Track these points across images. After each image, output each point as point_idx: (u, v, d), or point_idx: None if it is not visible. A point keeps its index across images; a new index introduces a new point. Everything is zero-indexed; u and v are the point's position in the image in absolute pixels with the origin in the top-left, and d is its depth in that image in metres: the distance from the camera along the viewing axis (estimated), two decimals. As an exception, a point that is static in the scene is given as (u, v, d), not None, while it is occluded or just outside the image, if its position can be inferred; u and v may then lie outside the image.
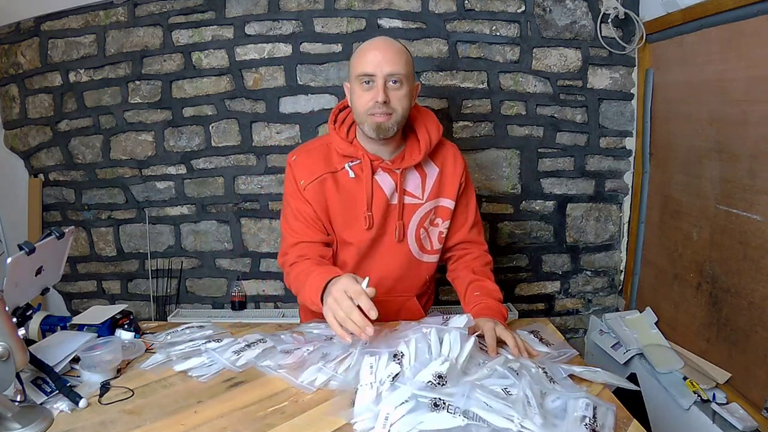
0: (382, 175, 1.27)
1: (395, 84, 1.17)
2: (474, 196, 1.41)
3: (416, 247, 1.34)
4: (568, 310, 2.35)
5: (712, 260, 1.72)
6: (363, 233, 1.28)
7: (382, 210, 1.28)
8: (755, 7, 1.46)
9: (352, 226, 1.28)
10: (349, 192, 1.27)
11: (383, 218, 1.29)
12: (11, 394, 0.89)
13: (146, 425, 0.88)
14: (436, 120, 1.33)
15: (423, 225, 1.32)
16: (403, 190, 1.28)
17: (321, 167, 1.27)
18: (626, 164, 2.22)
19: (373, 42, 1.20)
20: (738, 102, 1.57)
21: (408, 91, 1.20)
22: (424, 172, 1.31)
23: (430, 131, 1.29)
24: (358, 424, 0.84)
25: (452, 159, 1.34)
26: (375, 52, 1.16)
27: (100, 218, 2.30)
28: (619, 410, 0.89)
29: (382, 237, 1.31)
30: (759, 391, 1.50)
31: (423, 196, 1.31)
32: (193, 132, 2.19)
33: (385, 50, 1.16)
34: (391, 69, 1.15)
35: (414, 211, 1.31)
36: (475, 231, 1.40)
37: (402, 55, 1.18)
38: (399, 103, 1.18)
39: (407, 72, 1.19)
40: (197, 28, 2.11)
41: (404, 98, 1.19)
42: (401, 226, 1.30)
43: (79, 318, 1.22)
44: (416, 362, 0.93)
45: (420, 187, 1.30)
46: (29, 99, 2.22)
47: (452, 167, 1.33)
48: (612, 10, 2.03)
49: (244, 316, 2.18)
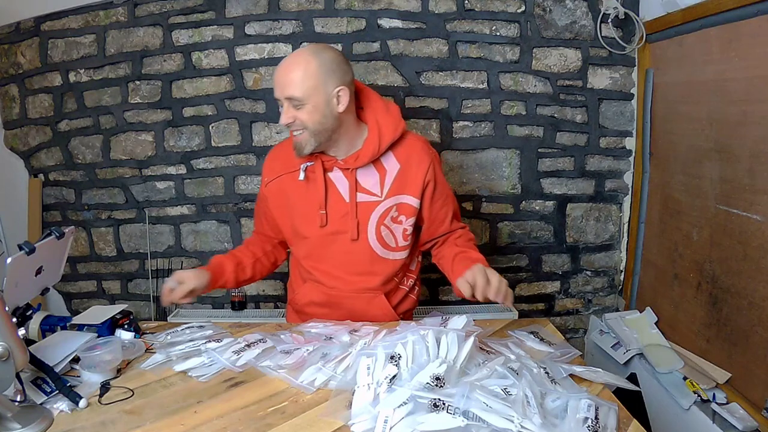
0: (337, 173, 1.30)
1: (297, 104, 1.19)
2: (448, 187, 1.40)
3: (379, 246, 1.33)
4: (568, 310, 2.35)
5: (712, 260, 1.72)
6: (318, 230, 1.32)
7: (337, 208, 1.30)
8: (755, 7, 1.46)
9: (309, 224, 1.33)
10: (306, 191, 1.32)
11: (339, 216, 1.31)
12: (11, 394, 0.89)
13: (146, 425, 0.88)
14: (396, 117, 1.30)
15: (383, 222, 1.31)
16: (357, 188, 1.29)
17: (282, 167, 1.34)
18: (626, 164, 2.22)
19: (281, 62, 1.21)
20: (738, 102, 1.57)
21: (314, 107, 1.19)
22: (384, 169, 1.30)
23: (382, 131, 1.27)
24: (356, 425, 0.84)
25: (417, 155, 1.31)
26: (277, 75, 1.20)
27: (100, 218, 2.30)
28: (619, 410, 0.90)
29: (338, 235, 1.32)
30: (759, 391, 1.50)
31: (382, 193, 1.30)
32: (193, 132, 2.19)
33: (284, 73, 1.19)
34: (288, 93, 1.18)
35: (372, 209, 1.30)
36: (456, 222, 1.42)
37: (297, 73, 1.17)
38: (306, 120, 1.20)
39: (304, 91, 1.18)
40: (197, 28, 2.11)
41: (312, 114, 1.19)
42: (356, 225, 1.30)
43: (79, 318, 1.23)
44: (413, 364, 0.93)
45: (378, 185, 1.30)
46: (29, 99, 2.22)
47: (416, 163, 1.31)
48: (612, 10, 2.02)
49: (244, 316, 2.18)
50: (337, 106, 1.22)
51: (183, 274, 1.27)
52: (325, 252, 1.34)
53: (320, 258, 1.35)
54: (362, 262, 1.33)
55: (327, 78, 1.19)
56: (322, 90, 1.19)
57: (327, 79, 1.19)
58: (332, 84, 1.20)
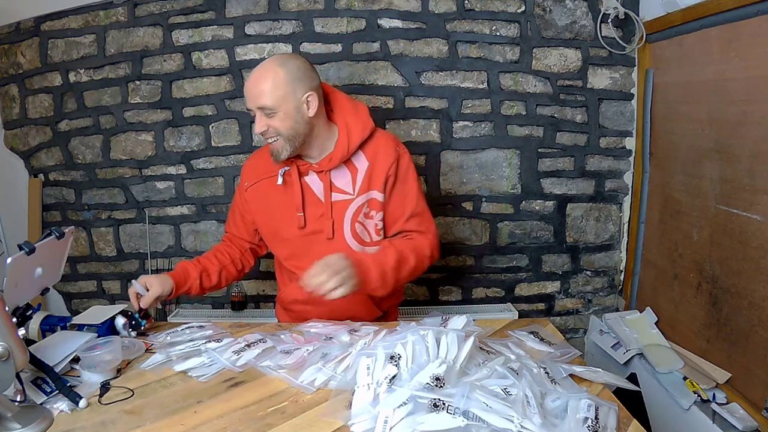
0: (312, 176, 1.37)
1: (268, 113, 1.25)
2: (414, 187, 1.40)
3: (355, 242, 1.38)
4: (568, 310, 2.35)
5: (712, 260, 1.72)
6: (297, 232, 1.38)
7: (314, 209, 1.37)
8: (755, 7, 1.46)
9: (288, 226, 1.39)
10: (284, 195, 1.38)
11: (316, 217, 1.37)
12: (11, 394, 0.89)
13: (146, 425, 0.88)
14: (365, 117, 1.36)
15: (357, 219, 1.37)
16: (332, 189, 1.35)
17: (262, 172, 1.41)
18: (626, 164, 2.22)
19: (251, 73, 1.27)
20: (738, 102, 1.57)
21: (285, 114, 1.25)
22: (355, 168, 1.36)
23: (351, 132, 1.33)
24: (356, 425, 0.84)
25: (384, 151, 1.36)
26: (247, 86, 1.27)
27: (100, 218, 2.30)
28: (619, 410, 0.90)
29: (316, 235, 1.38)
30: (759, 391, 1.50)
31: (354, 191, 1.36)
32: (193, 132, 2.19)
33: (254, 85, 1.25)
34: (258, 103, 1.25)
35: (346, 207, 1.36)
36: (414, 221, 1.40)
37: (267, 84, 1.23)
38: (279, 127, 1.26)
39: (275, 100, 1.24)
40: (197, 28, 2.11)
41: (284, 121, 1.25)
42: (331, 224, 1.36)
43: (79, 318, 1.23)
44: (413, 364, 0.93)
45: (350, 183, 1.36)
46: (29, 99, 2.22)
47: (383, 159, 1.36)
48: (612, 10, 2.02)
49: (244, 316, 2.18)
50: (308, 111, 1.28)
51: (149, 279, 1.31)
52: (305, 252, 1.39)
53: (301, 258, 1.39)
54: None
55: (295, 86, 1.26)
56: (292, 97, 1.26)
57: (295, 87, 1.26)
58: (300, 91, 1.26)
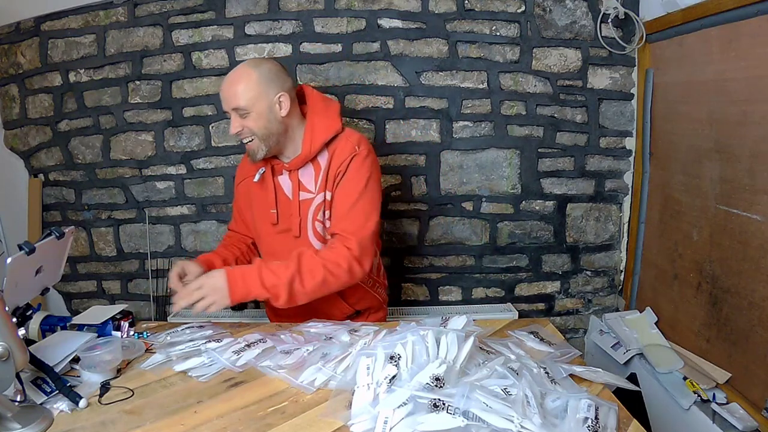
0: (284, 176, 1.41)
1: (243, 114, 1.30)
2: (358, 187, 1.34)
3: (316, 241, 1.41)
4: (568, 310, 2.35)
5: (712, 260, 1.72)
6: (271, 228, 1.44)
7: (285, 208, 1.41)
8: (755, 7, 1.46)
9: (265, 223, 1.45)
10: (262, 193, 1.44)
11: (287, 215, 1.41)
12: (11, 394, 0.89)
13: (146, 425, 0.88)
14: (333, 115, 1.39)
15: (317, 218, 1.39)
16: (300, 187, 1.39)
17: (246, 172, 1.49)
18: (626, 164, 2.22)
19: (224, 80, 1.32)
20: (738, 102, 1.57)
21: (258, 114, 1.30)
22: (319, 166, 1.38)
23: (315, 130, 1.36)
24: (356, 425, 0.84)
25: (341, 149, 1.36)
26: (222, 89, 1.31)
27: (100, 218, 2.30)
28: (619, 410, 0.90)
29: (286, 233, 1.42)
30: (759, 391, 1.50)
31: (315, 189, 1.39)
32: (193, 132, 2.19)
33: (228, 87, 1.30)
34: (233, 104, 1.29)
35: (309, 206, 1.39)
36: (345, 224, 1.33)
37: (240, 85, 1.28)
38: (253, 128, 1.31)
39: (248, 101, 1.28)
40: (197, 28, 2.11)
41: (257, 121, 1.30)
42: (298, 222, 1.40)
43: (79, 318, 1.23)
44: (413, 364, 0.93)
45: (313, 181, 1.39)
46: (29, 99, 2.22)
47: (336, 158, 1.35)
48: (612, 10, 2.02)
49: (244, 316, 2.17)
50: (280, 111, 1.33)
51: (187, 265, 1.35)
52: (276, 249, 1.44)
53: (273, 255, 1.43)
54: None
55: (267, 87, 1.30)
56: (264, 98, 1.30)
57: (267, 88, 1.30)
58: (273, 91, 1.31)
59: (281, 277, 1.24)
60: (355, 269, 1.31)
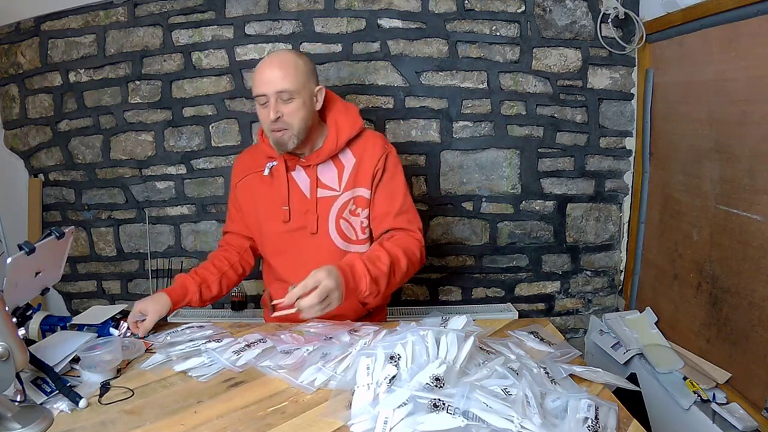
0: (299, 171, 1.37)
1: (286, 99, 1.24)
2: (401, 184, 1.38)
3: (339, 239, 1.38)
4: (568, 310, 2.35)
5: (712, 260, 1.72)
6: (282, 226, 1.38)
7: (299, 204, 1.37)
8: (755, 7, 1.46)
9: (274, 220, 1.39)
10: (270, 189, 1.39)
11: (301, 212, 1.37)
12: (11, 394, 0.89)
13: (146, 425, 0.88)
14: (354, 115, 1.38)
15: (342, 216, 1.37)
16: (317, 184, 1.36)
17: (249, 167, 1.43)
18: (626, 164, 2.22)
19: (264, 61, 1.27)
20: (738, 102, 1.57)
21: (302, 103, 1.26)
22: (342, 164, 1.37)
23: (340, 128, 1.35)
24: (355, 426, 0.84)
25: (371, 148, 1.37)
26: (265, 72, 1.25)
27: (100, 218, 2.30)
28: (619, 410, 0.90)
29: (301, 230, 1.38)
30: (759, 391, 1.50)
31: (340, 187, 1.36)
32: (193, 132, 2.19)
33: (273, 68, 1.24)
34: (279, 87, 1.23)
35: (331, 203, 1.36)
36: (402, 219, 1.36)
37: (290, 68, 1.24)
38: (293, 117, 1.26)
39: (297, 86, 1.25)
40: (197, 28, 2.11)
41: (298, 110, 1.26)
42: (315, 219, 1.36)
43: (79, 318, 1.23)
44: (413, 365, 0.93)
45: (336, 179, 1.37)
46: (29, 99, 2.22)
47: (369, 156, 1.36)
48: (612, 10, 2.02)
49: (244, 316, 2.18)
50: (316, 104, 1.32)
51: (144, 305, 1.26)
52: (289, 248, 1.39)
53: (285, 254, 1.40)
54: (325, 256, 1.33)
55: (310, 77, 1.30)
56: (308, 87, 1.28)
57: (310, 79, 1.30)
58: (313, 83, 1.31)
59: (381, 269, 1.19)
60: (423, 258, 1.35)
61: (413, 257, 1.30)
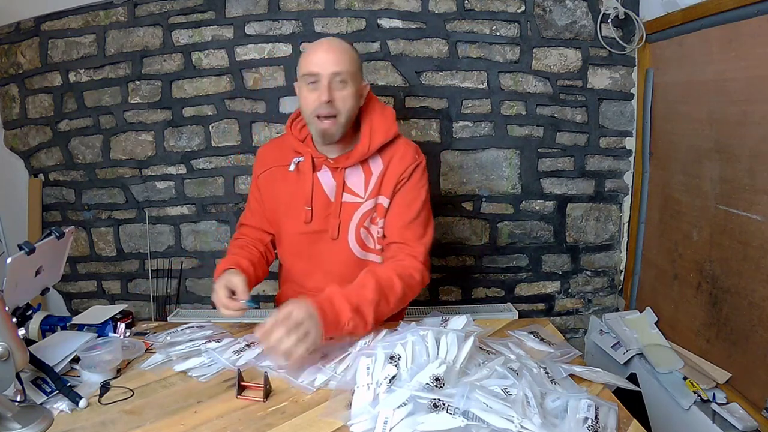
0: (324, 172, 1.30)
1: (341, 83, 1.18)
2: (421, 198, 1.31)
3: (358, 246, 1.32)
4: (568, 310, 2.35)
5: (712, 260, 1.72)
6: (303, 227, 1.32)
7: (322, 207, 1.30)
8: (755, 7, 1.46)
9: (294, 220, 1.33)
10: (293, 186, 1.32)
11: (323, 215, 1.31)
12: (11, 394, 0.89)
13: (146, 425, 0.88)
14: (390, 120, 1.30)
15: (363, 224, 1.31)
16: (344, 188, 1.29)
17: (274, 159, 1.36)
18: (626, 164, 2.22)
19: (319, 42, 1.22)
20: (738, 102, 1.57)
21: (354, 91, 1.21)
22: (370, 170, 1.30)
23: (374, 131, 1.27)
24: (355, 426, 0.84)
25: (400, 156, 1.29)
26: (320, 52, 1.18)
27: (100, 218, 2.30)
28: (619, 410, 0.90)
29: (321, 234, 1.32)
30: (759, 391, 1.50)
31: (364, 195, 1.29)
32: (193, 132, 2.19)
33: (330, 50, 1.18)
34: (336, 68, 1.17)
35: (354, 210, 1.30)
36: (410, 233, 1.28)
37: (347, 53, 1.20)
38: (344, 104, 1.19)
39: (353, 71, 1.19)
40: (197, 28, 2.11)
41: (349, 98, 1.20)
42: (337, 224, 1.30)
43: (79, 318, 1.23)
44: (413, 365, 0.93)
45: (362, 185, 1.30)
46: (29, 99, 2.22)
47: (397, 164, 1.29)
48: (612, 10, 2.02)
49: (244, 316, 2.17)
50: (360, 99, 1.26)
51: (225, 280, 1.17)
52: (306, 250, 1.34)
53: (301, 256, 1.35)
54: (341, 263, 1.32)
55: (361, 69, 1.26)
56: (359, 78, 1.24)
57: (360, 71, 1.26)
58: (361, 77, 1.26)
59: (366, 296, 1.11)
60: (425, 280, 1.26)
61: (411, 280, 1.21)
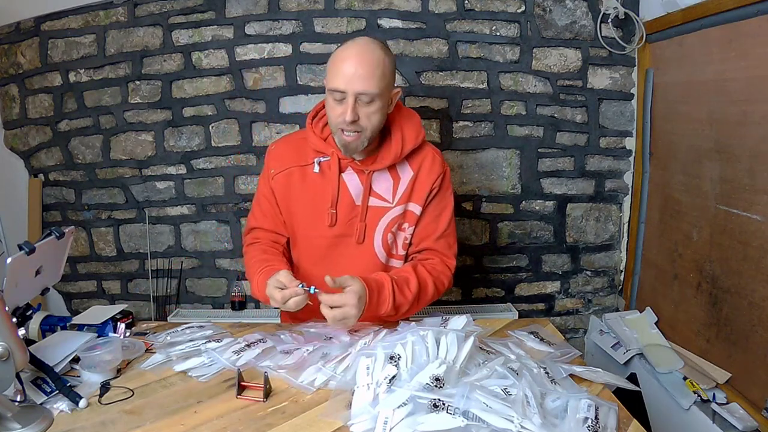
0: (350, 174, 1.25)
1: (367, 101, 1.13)
2: (450, 207, 1.33)
3: (383, 251, 1.30)
4: (568, 310, 2.35)
5: (712, 260, 1.72)
6: (325, 230, 1.27)
7: (347, 210, 1.26)
8: (755, 7, 1.46)
9: (316, 223, 1.27)
10: (315, 187, 1.26)
11: (347, 218, 1.26)
12: (11, 394, 0.89)
13: (146, 425, 0.88)
14: (419, 125, 1.29)
15: (391, 229, 1.28)
16: (370, 192, 1.26)
17: (292, 159, 1.28)
18: (626, 164, 2.22)
19: (350, 51, 1.13)
20: (738, 102, 1.57)
21: (380, 107, 1.15)
22: (398, 176, 1.27)
23: (405, 137, 1.25)
24: (355, 426, 0.84)
25: (429, 164, 1.28)
26: (349, 66, 1.10)
27: (100, 218, 2.30)
28: (619, 410, 0.90)
29: (344, 238, 1.28)
30: (759, 391, 1.50)
31: (393, 200, 1.27)
32: (193, 132, 2.19)
33: (359, 64, 1.10)
34: (363, 88, 1.10)
35: (382, 215, 1.27)
36: (443, 242, 1.31)
37: (377, 68, 1.11)
38: (368, 121, 1.15)
39: (381, 88, 1.12)
40: (197, 28, 2.11)
41: (375, 114, 1.15)
42: (363, 228, 1.26)
43: (79, 318, 1.23)
44: (413, 365, 0.93)
45: (391, 191, 1.27)
46: (29, 99, 2.22)
47: (427, 172, 1.27)
48: (612, 10, 2.03)
49: (244, 316, 2.17)
50: (390, 107, 1.21)
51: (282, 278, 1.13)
52: (329, 254, 1.29)
53: (323, 260, 1.30)
54: (364, 267, 1.28)
55: (392, 79, 1.18)
56: (388, 91, 1.17)
57: (392, 80, 1.18)
58: (393, 85, 1.19)
59: (406, 297, 1.17)
60: (450, 285, 1.31)
61: (441, 286, 1.28)
